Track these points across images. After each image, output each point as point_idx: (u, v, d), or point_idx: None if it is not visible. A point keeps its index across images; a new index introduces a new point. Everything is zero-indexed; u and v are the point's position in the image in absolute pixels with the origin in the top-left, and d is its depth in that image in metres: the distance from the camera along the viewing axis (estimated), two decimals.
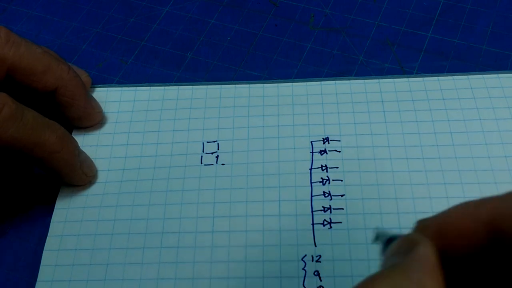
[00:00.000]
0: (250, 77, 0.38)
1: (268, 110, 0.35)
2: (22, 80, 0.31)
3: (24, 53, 0.31)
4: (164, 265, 0.30)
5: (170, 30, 0.41)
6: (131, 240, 0.31)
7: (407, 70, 0.37)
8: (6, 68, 0.31)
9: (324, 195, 0.32)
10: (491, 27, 0.39)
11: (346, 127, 0.34)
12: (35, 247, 0.31)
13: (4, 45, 0.31)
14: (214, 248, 0.30)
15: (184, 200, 0.32)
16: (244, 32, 0.40)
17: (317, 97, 0.36)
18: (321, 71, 0.38)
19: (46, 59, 0.32)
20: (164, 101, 0.37)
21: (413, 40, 0.39)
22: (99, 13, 0.42)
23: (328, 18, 0.41)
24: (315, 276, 0.29)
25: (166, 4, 0.43)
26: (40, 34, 0.41)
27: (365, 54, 0.38)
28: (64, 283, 0.30)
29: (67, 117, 0.34)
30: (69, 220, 0.32)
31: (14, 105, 0.28)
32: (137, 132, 0.35)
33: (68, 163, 0.31)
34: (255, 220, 0.31)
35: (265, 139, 0.34)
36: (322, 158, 0.33)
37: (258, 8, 0.42)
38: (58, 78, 0.32)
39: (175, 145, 0.34)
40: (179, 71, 0.39)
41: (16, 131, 0.28)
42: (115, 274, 0.30)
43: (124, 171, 0.34)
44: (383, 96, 0.35)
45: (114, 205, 0.32)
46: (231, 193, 0.32)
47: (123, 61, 0.39)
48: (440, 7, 0.41)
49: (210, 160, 0.34)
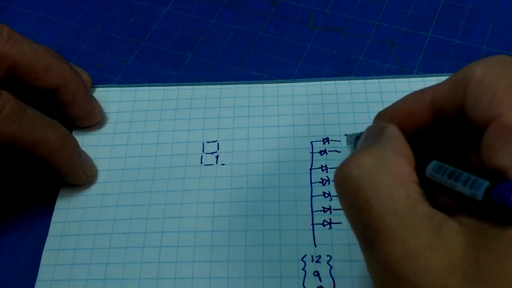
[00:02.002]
0: (250, 77, 0.38)
1: (268, 110, 0.35)
2: (24, 78, 0.31)
3: (26, 51, 0.31)
4: (163, 265, 0.30)
5: (170, 30, 0.41)
6: (131, 240, 0.31)
7: (407, 70, 0.37)
8: (8, 66, 0.31)
9: (324, 196, 0.32)
10: (491, 27, 0.39)
11: (346, 127, 0.34)
12: (35, 247, 0.31)
13: (6, 43, 0.31)
14: (214, 248, 0.30)
15: (184, 200, 0.32)
16: (244, 32, 0.40)
17: (317, 97, 0.36)
18: (321, 71, 0.38)
19: (47, 58, 0.32)
20: (164, 101, 0.37)
21: (413, 40, 0.39)
22: (99, 13, 0.42)
23: (328, 18, 0.41)
24: (315, 276, 0.29)
25: (166, 4, 0.43)
26: (40, 34, 0.41)
27: (365, 54, 0.38)
28: (63, 283, 0.30)
29: (68, 116, 0.34)
30: (69, 220, 0.32)
31: (16, 103, 0.29)
32: (137, 132, 0.35)
33: (68, 162, 0.31)
34: (255, 220, 0.31)
35: (265, 139, 0.34)
36: (322, 158, 0.33)
37: (258, 8, 0.42)
38: (59, 77, 0.32)
39: (175, 145, 0.34)
40: (179, 71, 0.39)
41: (18, 129, 0.28)
42: (114, 273, 0.30)
43: (124, 171, 0.34)
44: (383, 96, 0.35)
45: (114, 205, 0.32)
46: (231, 193, 0.32)
47: (123, 61, 0.39)
48: (440, 7, 0.41)
49: (210, 160, 0.34)
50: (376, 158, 0.20)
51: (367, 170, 0.20)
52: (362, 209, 0.20)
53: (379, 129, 0.23)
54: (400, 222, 0.19)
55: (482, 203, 0.18)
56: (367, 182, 0.20)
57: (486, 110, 0.20)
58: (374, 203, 0.19)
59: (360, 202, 0.20)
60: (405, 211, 0.19)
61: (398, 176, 0.20)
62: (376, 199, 0.19)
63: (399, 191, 0.19)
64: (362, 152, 0.21)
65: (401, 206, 0.19)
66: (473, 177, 0.19)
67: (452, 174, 0.20)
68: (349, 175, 0.20)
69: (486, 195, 0.18)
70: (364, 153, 0.21)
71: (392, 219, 0.19)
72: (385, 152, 0.21)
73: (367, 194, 0.20)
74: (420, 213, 0.19)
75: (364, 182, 0.20)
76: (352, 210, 0.20)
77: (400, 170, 0.20)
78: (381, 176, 0.20)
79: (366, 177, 0.20)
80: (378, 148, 0.21)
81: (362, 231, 0.20)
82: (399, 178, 0.20)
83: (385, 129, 0.22)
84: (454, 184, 0.20)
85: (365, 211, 0.19)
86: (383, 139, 0.22)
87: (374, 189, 0.19)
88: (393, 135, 0.22)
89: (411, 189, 0.20)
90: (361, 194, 0.20)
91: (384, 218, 0.19)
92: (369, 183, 0.20)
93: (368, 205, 0.19)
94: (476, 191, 0.19)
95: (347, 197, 0.21)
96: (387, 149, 0.21)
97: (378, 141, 0.22)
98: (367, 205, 0.19)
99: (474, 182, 0.19)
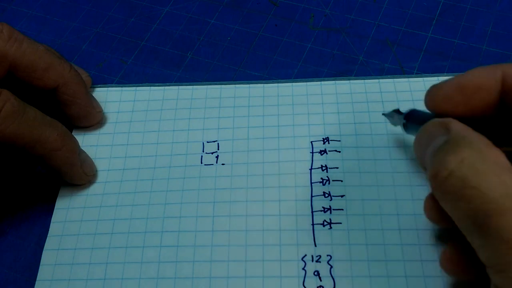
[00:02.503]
0: (250, 77, 0.38)
1: (268, 110, 0.35)
2: (24, 77, 0.31)
3: (26, 50, 0.31)
4: (163, 265, 0.30)
5: (170, 30, 0.41)
6: (130, 240, 0.31)
7: (407, 70, 0.37)
8: (8, 64, 0.31)
9: (324, 196, 0.32)
10: (491, 27, 0.39)
11: (346, 127, 0.34)
12: (34, 247, 0.31)
13: (7, 42, 0.31)
14: (214, 248, 0.30)
15: (184, 200, 0.32)
16: (244, 32, 0.40)
17: (317, 97, 0.36)
18: (321, 71, 0.38)
19: (48, 57, 0.32)
20: (164, 101, 0.37)
21: (413, 40, 0.39)
22: (99, 13, 0.42)
23: (328, 18, 0.41)
24: (315, 276, 0.29)
25: (166, 4, 0.43)
26: (40, 34, 0.41)
27: (365, 54, 0.38)
28: (63, 282, 0.30)
29: (68, 116, 0.34)
30: (69, 220, 0.32)
31: (16, 102, 0.29)
32: (137, 132, 0.35)
33: (68, 161, 0.31)
34: (255, 220, 0.31)
35: (265, 139, 0.34)
36: (322, 158, 0.33)
37: (258, 8, 0.42)
38: (59, 76, 0.32)
39: (175, 145, 0.34)
40: (179, 71, 0.39)
41: (18, 128, 0.28)
42: (114, 273, 0.30)
43: (124, 171, 0.34)
44: (383, 96, 0.35)
45: (114, 205, 0.32)
46: (231, 193, 0.32)
47: (123, 61, 0.39)
48: (440, 7, 0.41)
49: (210, 160, 0.34)
50: (473, 151, 0.21)
51: (470, 163, 0.21)
52: (473, 197, 0.21)
53: (443, 126, 0.23)
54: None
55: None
56: (473, 173, 0.21)
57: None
58: (486, 190, 0.20)
59: (469, 191, 0.21)
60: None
61: (501, 164, 0.21)
62: (487, 186, 0.20)
63: (509, 176, 0.20)
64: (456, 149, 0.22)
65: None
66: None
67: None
68: (453, 171, 0.21)
69: None
70: (459, 149, 0.22)
71: (508, 200, 0.20)
72: (478, 144, 0.21)
73: (476, 183, 0.20)
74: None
75: (470, 174, 0.21)
76: (460, 202, 0.21)
77: (501, 159, 0.21)
78: (486, 165, 0.21)
79: (471, 169, 0.21)
80: (468, 143, 0.22)
81: (473, 219, 0.21)
82: (502, 165, 0.21)
83: (450, 124, 0.23)
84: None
85: (476, 198, 0.20)
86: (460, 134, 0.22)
87: (483, 178, 0.20)
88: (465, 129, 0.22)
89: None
90: (470, 184, 0.21)
91: (499, 200, 0.20)
92: (475, 173, 0.21)
93: (479, 192, 0.20)
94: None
95: (454, 191, 0.21)
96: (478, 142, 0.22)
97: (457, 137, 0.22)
98: (478, 192, 0.20)
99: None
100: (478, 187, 0.20)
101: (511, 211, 0.20)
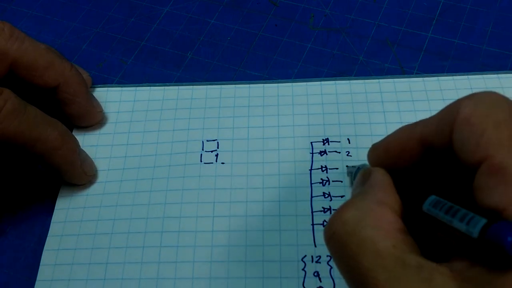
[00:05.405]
0: (250, 77, 0.38)
1: (268, 110, 0.35)
2: (25, 75, 0.31)
3: (27, 49, 0.31)
4: (163, 265, 0.30)
5: (170, 30, 0.41)
6: (130, 239, 0.31)
7: (407, 70, 0.37)
8: (9, 63, 0.31)
9: (324, 196, 0.32)
10: (491, 27, 0.39)
11: (346, 127, 0.34)
12: (34, 247, 0.31)
13: (8, 40, 0.31)
14: (214, 248, 0.30)
15: (184, 200, 0.32)
16: (244, 32, 0.40)
17: (317, 97, 0.36)
18: (321, 71, 0.38)
19: (49, 55, 0.32)
20: (164, 101, 0.37)
21: (413, 40, 0.39)
22: (99, 13, 0.42)
23: (328, 18, 0.41)
24: (315, 277, 0.29)
25: (166, 4, 0.43)
26: (40, 34, 0.41)
27: (365, 54, 0.38)
28: (63, 282, 0.30)
29: (68, 115, 0.34)
30: (69, 220, 0.32)
31: (17, 101, 0.29)
32: (137, 132, 0.35)
33: (68, 161, 0.31)
34: (255, 220, 0.31)
35: (265, 140, 0.34)
36: (322, 159, 0.33)
37: (258, 8, 0.42)
38: (60, 75, 0.32)
39: (174, 144, 0.34)
40: (179, 71, 0.39)
41: (18, 126, 0.28)
42: (114, 273, 0.30)
43: (124, 170, 0.34)
44: (383, 96, 0.35)
45: (114, 205, 0.32)
46: (231, 193, 0.32)
47: (123, 61, 0.39)
48: (440, 7, 0.41)
49: (210, 159, 0.34)
50: (358, 212, 0.21)
51: (351, 226, 0.20)
52: (350, 266, 0.20)
53: (367, 174, 0.23)
54: (389, 276, 0.19)
55: (477, 241, 0.18)
56: (352, 239, 0.20)
57: (475, 151, 0.19)
58: (361, 259, 0.19)
59: (348, 259, 0.20)
60: (393, 264, 0.19)
61: (382, 228, 0.20)
62: (363, 255, 0.19)
63: (385, 244, 0.19)
64: (346, 207, 0.21)
65: (388, 259, 0.19)
66: (471, 214, 0.19)
67: (449, 209, 0.19)
68: (335, 233, 0.21)
69: (481, 233, 0.18)
70: (347, 208, 0.21)
71: (381, 273, 0.19)
72: (367, 203, 0.21)
73: (353, 251, 0.20)
74: (408, 264, 0.19)
75: (349, 240, 0.20)
76: (342, 267, 0.21)
77: (384, 221, 0.20)
78: (365, 231, 0.20)
79: (350, 234, 0.20)
80: (361, 199, 0.21)
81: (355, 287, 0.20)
82: (383, 230, 0.20)
83: (371, 174, 0.23)
84: (450, 220, 0.19)
85: (354, 268, 0.20)
86: (367, 188, 0.22)
87: (359, 245, 0.20)
88: (377, 181, 0.22)
89: (396, 239, 0.20)
90: (348, 252, 0.20)
91: (373, 273, 0.19)
92: (354, 240, 0.20)
93: (356, 262, 0.19)
94: (473, 228, 0.18)
95: (336, 254, 0.21)
96: (369, 200, 0.21)
97: (362, 190, 0.22)
98: (355, 262, 0.19)
99: (471, 219, 0.18)
100: (355, 255, 0.20)
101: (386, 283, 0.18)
